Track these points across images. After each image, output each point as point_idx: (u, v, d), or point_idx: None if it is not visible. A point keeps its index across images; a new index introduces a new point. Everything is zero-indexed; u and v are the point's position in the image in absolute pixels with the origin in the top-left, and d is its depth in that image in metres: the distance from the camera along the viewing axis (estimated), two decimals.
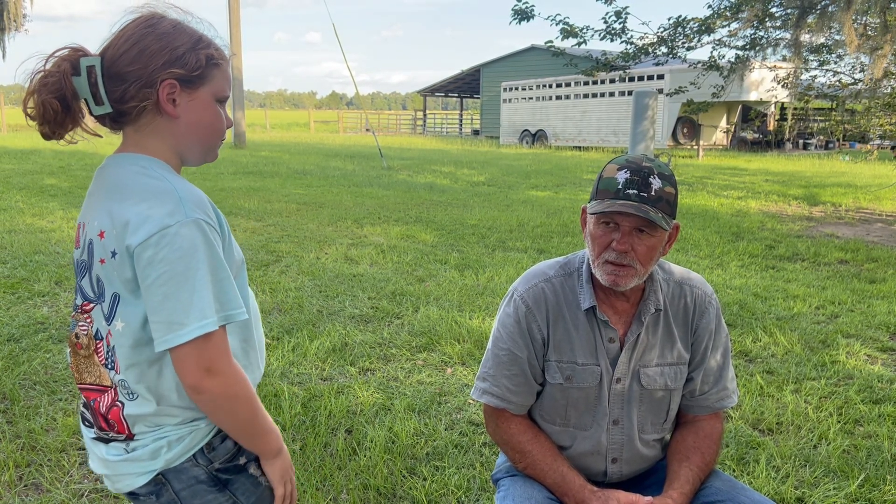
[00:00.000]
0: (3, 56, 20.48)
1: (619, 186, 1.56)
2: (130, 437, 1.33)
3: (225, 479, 1.36)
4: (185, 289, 1.20)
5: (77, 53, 1.27)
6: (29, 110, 1.27)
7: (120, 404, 1.32)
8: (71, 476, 2.69)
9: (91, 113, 1.30)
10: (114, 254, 1.24)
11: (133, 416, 1.32)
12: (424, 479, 2.70)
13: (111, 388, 1.33)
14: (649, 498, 1.60)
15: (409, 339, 4.27)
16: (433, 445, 2.98)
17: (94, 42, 1.33)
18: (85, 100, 1.28)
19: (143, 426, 1.32)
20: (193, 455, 1.34)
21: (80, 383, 1.37)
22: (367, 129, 36.35)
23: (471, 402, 3.42)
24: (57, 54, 1.27)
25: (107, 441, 1.36)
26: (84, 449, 2.87)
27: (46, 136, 1.30)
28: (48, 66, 1.27)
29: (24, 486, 2.64)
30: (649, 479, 1.84)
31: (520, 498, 1.68)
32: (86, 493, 2.58)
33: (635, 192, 1.55)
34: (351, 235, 7.64)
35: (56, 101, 1.26)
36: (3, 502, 2.51)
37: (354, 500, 2.55)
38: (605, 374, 1.72)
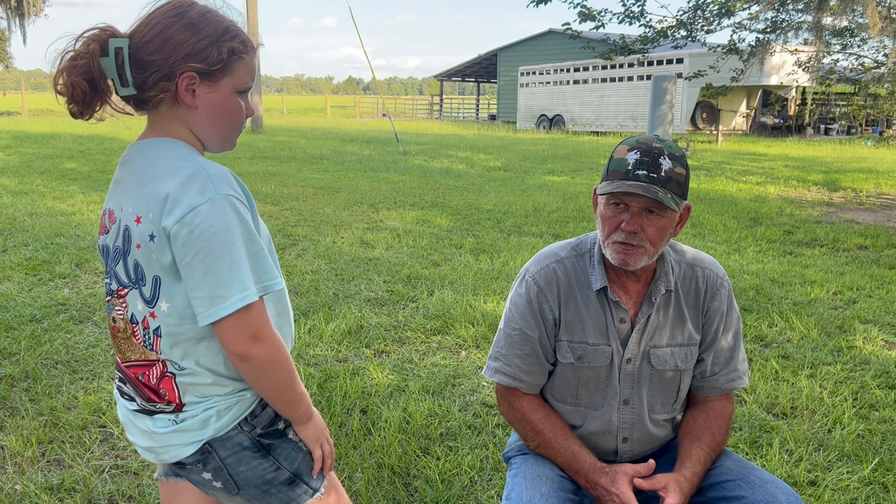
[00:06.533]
0: (24, 41, 20.69)
1: (629, 167, 1.56)
2: (179, 408, 1.36)
3: (267, 445, 1.40)
4: (223, 263, 1.23)
5: (106, 34, 1.28)
6: (59, 87, 1.29)
7: (171, 374, 1.35)
8: (92, 452, 2.75)
9: (117, 93, 1.31)
10: (152, 237, 1.27)
11: (185, 385, 1.35)
12: (438, 459, 2.74)
13: (158, 361, 1.35)
14: (651, 461, 1.64)
15: (423, 323, 4.30)
16: (447, 426, 3.01)
17: (115, 25, 1.32)
18: (112, 80, 1.29)
19: (193, 396, 1.35)
20: (238, 423, 1.38)
21: (125, 362, 1.40)
22: (384, 115, 36.33)
23: (484, 384, 3.44)
24: (86, 34, 1.28)
25: (152, 413, 1.38)
26: (105, 426, 2.94)
27: (75, 115, 1.32)
28: (78, 47, 1.28)
29: (47, 461, 2.70)
30: (660, 458, 1.85)
31: (531, 476, 1.70)
32: (107, 469, 2.64)
33: (645, 172, 1.55)
34: (367, 220, 7.67)
35: (84, 81, 1.27)
36: (27, 478, 2.57)
37: (369, 479, 2.59)
38: (615, 354, 1.73)
